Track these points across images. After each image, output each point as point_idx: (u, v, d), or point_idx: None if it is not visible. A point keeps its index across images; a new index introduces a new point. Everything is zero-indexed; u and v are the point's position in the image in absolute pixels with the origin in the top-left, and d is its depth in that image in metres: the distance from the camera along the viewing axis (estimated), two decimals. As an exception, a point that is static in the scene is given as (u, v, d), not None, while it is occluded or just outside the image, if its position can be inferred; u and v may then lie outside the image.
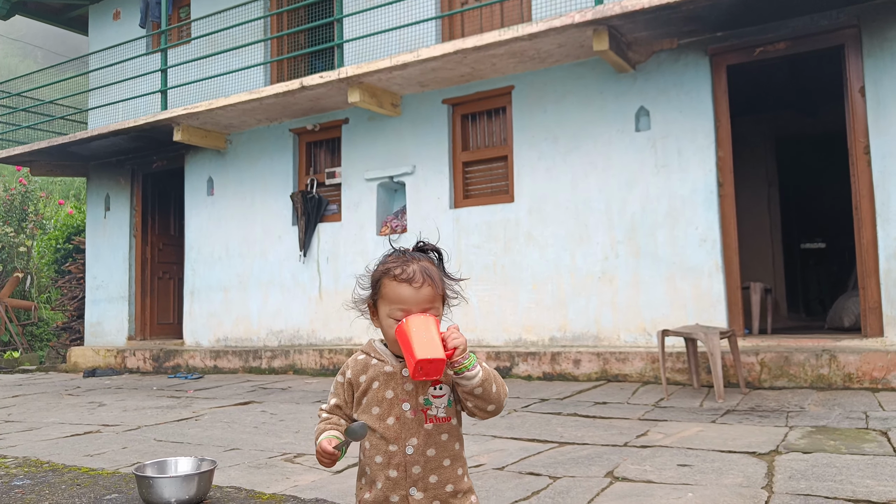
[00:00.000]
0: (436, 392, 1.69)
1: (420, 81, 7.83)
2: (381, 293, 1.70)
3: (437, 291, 1.68)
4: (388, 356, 1.74)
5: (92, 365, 10.40)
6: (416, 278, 1.66)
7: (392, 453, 1.67)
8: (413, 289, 1.65)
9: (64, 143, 10.01)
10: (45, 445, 4.61)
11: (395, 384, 1.70)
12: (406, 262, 1.70)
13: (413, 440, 1.67)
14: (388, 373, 1.71)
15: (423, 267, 1.70)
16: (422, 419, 1.68)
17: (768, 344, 6.28)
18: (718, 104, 6.68)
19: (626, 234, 6.95)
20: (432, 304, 1.67)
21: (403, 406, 1.68)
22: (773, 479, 3.18)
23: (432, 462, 1.68)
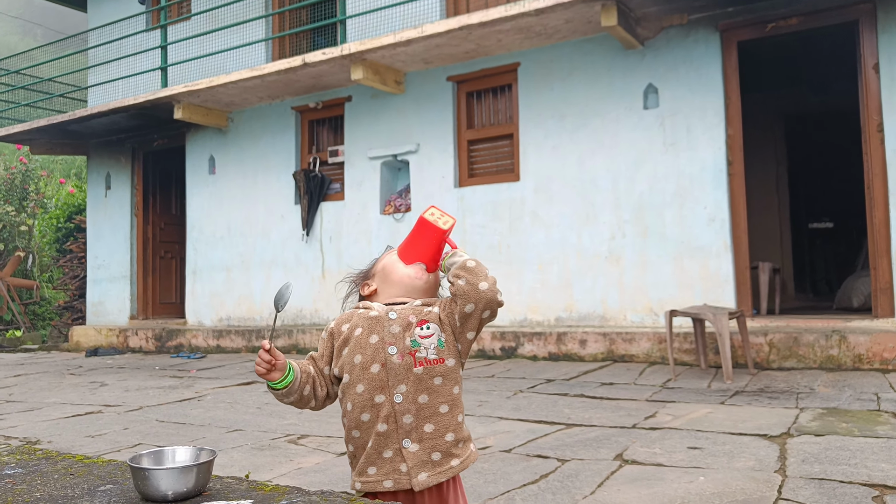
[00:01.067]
0: (423, 332, 1.58)
1: (424, 58, 7.70)
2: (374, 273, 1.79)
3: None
4: (376, 304, 1.67)
5: (94, 344, 10.37)
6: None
7: (379, 405, 1.54)
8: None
9: (63, 121, 9.91)
10: (46, 426, 4.56)
11: (380, 328, 1.59)
12: None
13: (401, 387, 1.55)
14: (372, 317, 1.62)
15: None
16: (410, 363, 1.56)
17: (777, 324, 6.21)
18: (728, 81, 6.55)
19: (633, 213, 6.86)
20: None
21: (389, 350, 1.56)
22: (786, 462, 3.12)
23: (426, 409, 1.55)
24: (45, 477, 1.45)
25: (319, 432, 4.11)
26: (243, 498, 1.28)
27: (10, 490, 1.36)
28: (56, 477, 1.45)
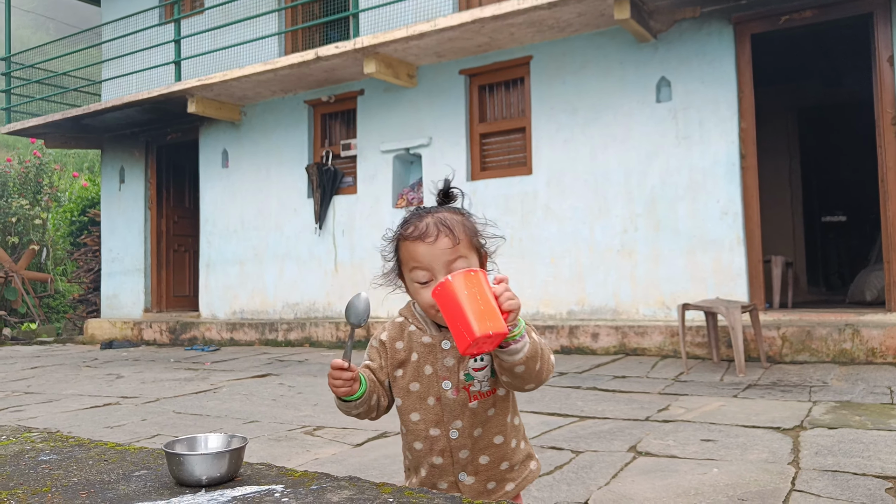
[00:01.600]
0: (476, 364, 1.45)
1: (437, 52, 7.72)
2: (401, 258, 1.47)
3: (459, 242, 1.40)
4: (428, 324, 1.49)
5: (109, 337, 10.47)
6: (428, 232, 1.40)
7: (434, 438, 1.46)
8: (427, 245, 1.40)
9: (77, 115, 9.99)
10: (65, 417, 4.63)
11: (433, 358, 1.46)
12: (419, 217, 1.46)
13: (457, 423, 1.45)
14: (426, 344, 1.47)
15: (439, 218, 1.43)
16: (465, 398, 1.44)
17: (790, 318, 6.21)
18: (742, 74, 6.54)
19: (645, 206, 6.86)
20: (456, 255, 1.40)
21: (444, 385, 1.45)
22: (800, 454, 3.14)
23: (481, 442, 1.46)
24: (80, 463, 1.49)
25: (335, 424, 4.15)
26: (274, 483, 1.32)
27: (49, 475, 1.40)
28: (91, 463, 1.49)
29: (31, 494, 1.29)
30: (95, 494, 1.28)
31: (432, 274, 1.40)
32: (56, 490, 1.31)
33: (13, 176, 15.12)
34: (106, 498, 1.26)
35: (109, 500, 1.25)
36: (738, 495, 2.65)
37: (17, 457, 1.57)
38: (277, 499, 1.22)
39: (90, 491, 1.30)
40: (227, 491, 1.28)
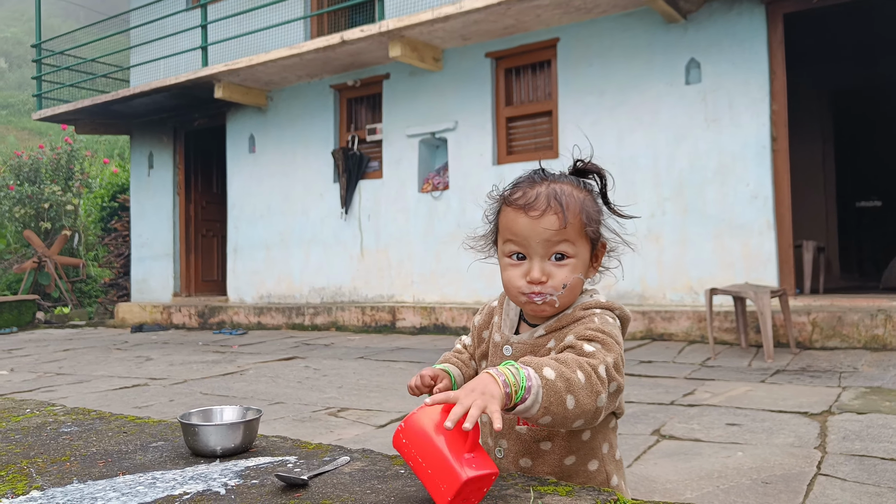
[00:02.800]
0: None
1: (462, 34, 7.67)
2: (499, 226, 1.27)
3: (564, 224, 1.19)
4: (508, 319, 1.30)
5: (139, 321, 10.62)
6: (536, 204, 1.19)
7: (489, 447, 1.29)
8: (531, 218, 1.19)
9: (106, 101, 10.10)
10: (95, 397, 4.70)
11: (496, 362, 1.25)
12: (532, 183, 1.25)
13: (503, 442, 1.26)
14: (495, 342, 1.30)
15: (553, 191, 1.21)
16: (513, 419, 1.23)
17: (820, 303, 6.10)
18: (774, 55, 6.42)
19: (673, 190, 6.78)
20: (562, 239, 1.19)
21: None
22: (826, 439, 3.09)
23: (530, 473, 1.24)
24: (100, 434, 1.51)
25: (359, 405, 4.17)
26: (288, 454, 1.32)
27: (69, 445, 1.42)
28: (110, 434, 1.50)
29: (51, 463, 1.31)
30: (112, 463, 1.29)
31: (528, 254, 1.20)
32: (75, 459, 1.33)
33: (45, 162, 15.36)
34: (122, 467, 1.27)
35: (126, 468, 1.26)
36: (761, 478, 2.61)
37: (40, 428, 1.59)
38: (290, 469, 1.22)
39: (108, 460, 1.31)
40: (241, 461, 1.28)
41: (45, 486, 1.15)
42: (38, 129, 27.29)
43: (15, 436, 1.52)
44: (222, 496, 1.08)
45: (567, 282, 1.20)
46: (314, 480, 1.14)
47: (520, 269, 1.21)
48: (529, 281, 1.19)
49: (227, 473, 1.20)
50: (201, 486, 1.13)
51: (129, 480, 1.17)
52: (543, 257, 1.20)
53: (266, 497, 1.07)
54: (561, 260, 1.20)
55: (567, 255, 1.21)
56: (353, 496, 1.07)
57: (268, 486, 1.13)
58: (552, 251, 1.20)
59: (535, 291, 1.19)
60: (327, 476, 1.17)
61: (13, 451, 1.40)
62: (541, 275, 1.19)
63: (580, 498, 1.04)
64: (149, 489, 1.12)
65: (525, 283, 1.20)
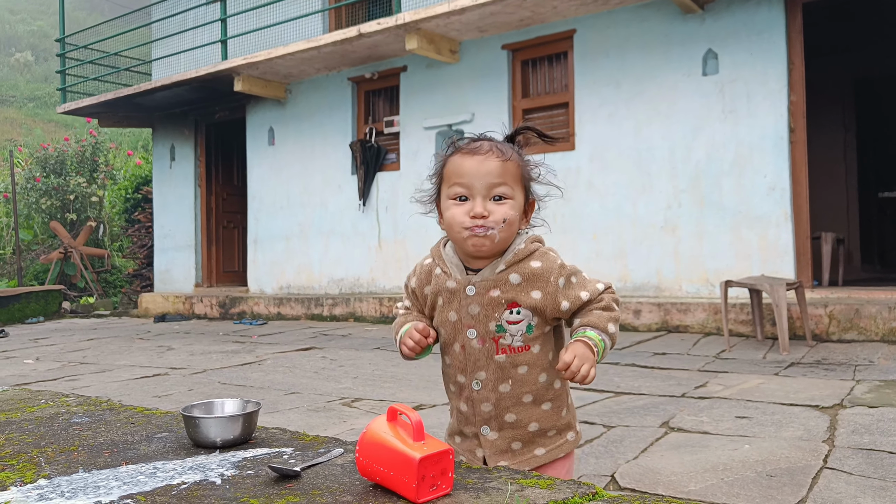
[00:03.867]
0: (512, 317, 1.37)
1: (479, 26, 7.67)
2: (444, 175, 1.41)
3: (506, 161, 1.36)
4: (454, 266, 1.42)
5: (162, 310, 10.78)
6: (480, 149, 1.37)
7: (461, 385, 1.42)
8: (476, 160, 1.35)
9: (129, 94, 10.23)
10: (117, 386, 4.81)
11: (458, 305, 1.39)
12: (475, 138, 1.44)
13: (481, 374, 1.38)
14: (450, 290, 1.41)
15: (495, 142, 1.40)
16: (492, 349, 1.38)
17: (838, 296, 6.07)
18: (792, 45, 6.36)
19: (690, 182, 6.75)
20: (501, 180, 1.35)
21: (469, 333, 1.39)
22: (836, 432, 3.09)
23: (507, 399, 1.39)
24: (109, 425, 1.57)
25: (373, 396, 4.23)
26: (285, 446, 1.37)
27: (78, 435, 1.48)
28: (118, 425, 1.57)
29: (59, 452, 1.37)
30: (117, 453, 1.35)
31: (471, 194, 1.35)
32: (82, 449, 1.39)
33: (71, 154, 15.59)
34: (127, 457, 1.33)
35: (130, 458, 1.32)
36: (766, 471, 2.63)
37: (52, 419, 1.66)
38: (285, 460, 1.27)
39: (113, 450, 1.37)
40: (240, 452, 1.34)
41: (51, 475, 1.21)
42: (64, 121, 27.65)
43: (28, 426, 1.59)
44: (218, 486, 1.14)
45: (506, 217, 1.35)
46: (306, 472, 1.19)
47: (463, 207, 1.35)
48: (473, 216, 1.34)
49: (224, 464, 1.25)
50: (199, 476, 1.18)
51: (132, 470, 1.23)
52: (485, 197, 1.35)
53: (259, 487, 1.12)
54: (500, 200, 1.36)
55: (505, 197, 1.36)
56: (341, 486, 1.12)
57: (262, 476, 1.18)
58: (492, 192, 1.35)
59: (478, 225, 1.34)
60: (319, 467, 1.22)
61: (25, 440, 1.47)
62: (483, 210, 1.34)
63: (559, 490, 1.08)
64: (149, 479, 1.18)
65: (469, 219, 1.34)
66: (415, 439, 1.07)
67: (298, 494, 1.08)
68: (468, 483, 1.11)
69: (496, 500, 1.03)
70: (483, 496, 1.05)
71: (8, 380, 5.24)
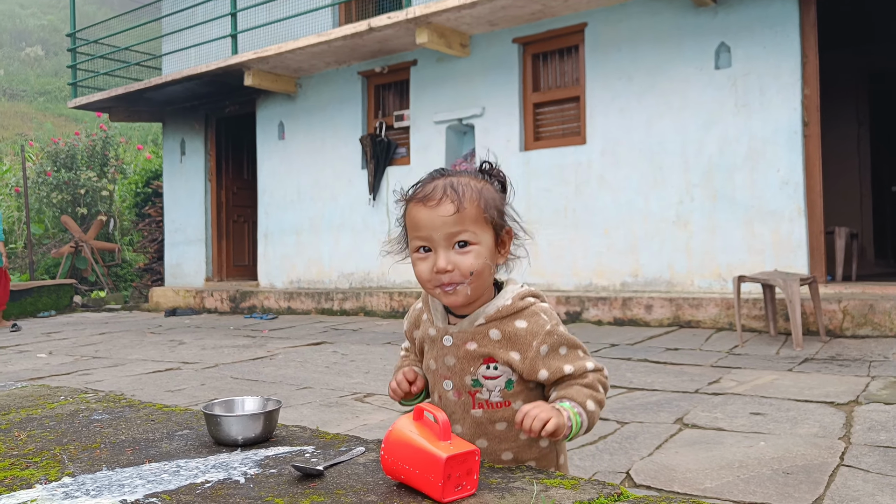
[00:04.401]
0: (488, 372, 1.28)
1: (490, 20, 7.65)
2: (407, 225, 1.32)
3: (464, 211, 1.23)
4: (437, 313, 1.34)
5: (172, 305, 10.82)
6: (433, 195, 1.23)
7: None
8: (428, 209, 1.23)
9: (139, 88, 10.25)
10: (129, 381, 4.83)
11: (436, 353, 1.33)
12: (432, 178, 1.29)
13: (457, 427, 1.31)
14: (431, 337, 1.34)
15: (450, 182, 1.25)
16: (468, 403, 1.30)
17: (852, 291, 6.03)
18: (806, 39, 6.31)
19: (702, 176, 6.72)
20: (461, 227, 1.23)
21: (445, 384, 1.32)
22: (852, 429, 3.08)
23: (485, 456, 1.30)
24: (129, 422, 1.57)
25: (384, 391, 4.23)
26: (306, 444, 1.37)
27: (99, 433, 1.48)
28: (138, 422, 1.57)
29: (82, 450, 1.37)
30: (139, 451, 1.35)
31: (432, 247, 1.25)
32: (104, 446, 1.39)
33: (81, 149, 15.65)
34: (149, 454, 1.33)
35: (152, 456, 1.32)
36: (783, 468, 2.62)
37: (73, 415, 1.66)
38: (307, 459, 1.27)
39: (135, 448, 1.37)
40: (261, 450, 1.34)
41: (76, 473, 1.21)
42: (74, 115, 27.77)
43: (49, 423, 1.59)
44: (241, 485, 1.14)
45: (473, 269, 1.23)
46: (329, 471, 1.19)
47: (427, 261, 1.25)
48: (436, 271, 1.23)
49: (247, 462, 1.25)
50: (222, 475, 1.18)
51: (155, 468, 1.23)
52: (447, 247, 1.23)
53: (283, 486, 1.12)
54: (464, 247, 1.23)
55: (470, 243, 1.23)
56: (365, 486, 1.11)
57: (285, 475, 1.18)
58: (454, 240, 1.23)
59: (444, 282, 1.24)
60: (342, 466, 1.22)
61: (47, 437, 1.47)
62: (446, 264, 1.23)
63: (584, 491, 1.07)
64: (173, 477, 1.18)
65: (434, 275, 1.24)
66: (441, 439, 1.08)
67: (322, 494, 1.08)
68: (492, 483, 1.10)
69: (521, 500, 1.02)
70: (508, 496, 1.04)
71: (22, 374, 5.27)
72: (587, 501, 1.03)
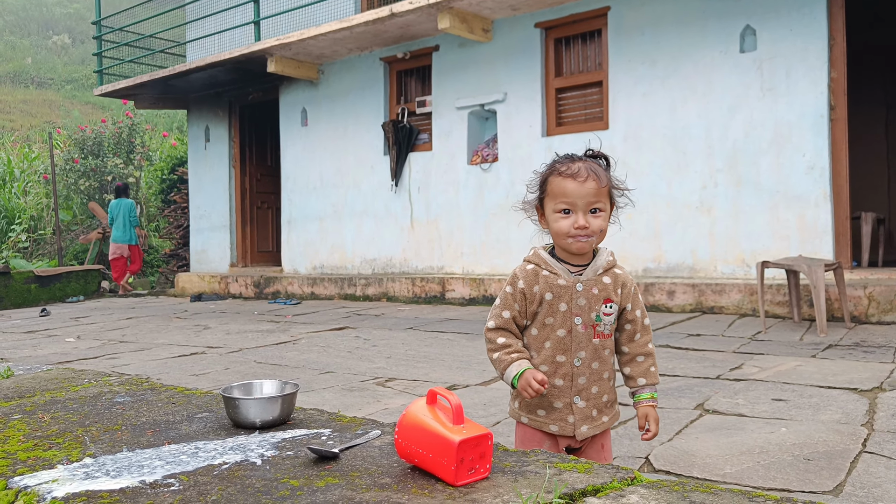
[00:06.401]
0: (607, 310, 1.75)
1: (511, 5, 7.59)
2: (548, 191, 1.75)
3: (601, 186, 1.70)
4: (560, 268, 1.76)
5: (198, 290, 10.94)
6: (580, 173, 1.70)
7: (560, 363, 1.75)
8: (577, 182, 1.69)
9: (164, 76, 10.33)
10: (155, 365, 4.91)
11: (568, 298, 1.74)
12: (572, 161, 1.75)
13: (582, 353, 1.75)
14: (561, 286, 1.75)
15: (588, 165, 1.73)
16: (591, 334, 1.75)
17: (878, 277, 5.95)
18: (833, 20, 6.20)
19: (726, 161, 6.65)
20: (597, 199, 1.70)
21: (576, 320, 1.74)
22: (875, 416, 3.05)
23: (595, 374, 1.76)
24: (150, 405, 1.61)
25: (406, 376, 4.26)
26: (323, 427, 1.39)
27: (121, 415, 1.51)
28: (160, 405, 1.60)
29: (104, 431, 1.40)
30: (160, 433, 1.38)
31: (574, 209, 1.70)
32: (125, 428, 1.42)
33: (108, 136, 15.82)
34: (169, 436, 1.35)
35: (172, 438, 1.34)
36: (804, 455, 2.60)
37: (96, 398, 1.70)
38: (323, 441, 1.29)
39: (156, 430, 1.40)
40: (279, 433, 1.36)
41: (97, 454, 1.24)
42: (101, 103, 28.06)
43: (73, 405, 1.63)
44: (258, 466, 1.16)
45: (602, 228, 1.72)
46: (345, 453, 1.21)
47: (568, 220, 1.70)
48: (577, 227, 1.69)
49: (264, 445, 1.27)
50: (239, 457, 1.20)
51: (174, 450, 1.25)
52: (585, 211, 1.69)
53: (299, 468, 1.14)
54: (595, 213, 1.71)
55: (600, 210, 1.71)
56: (380, 468, 1.13)
57: (301, 457, 1.20)
58: (590, 206, 1.70)
59: (581, 234, 1.70)
60: (357, 449, 1.24)
61: (70, 419, 1.50)
62: (585, 223, 1.69)
63: (597, 475, 1.08)
64: (191, 458, 1.20)
65: (573, 229, 1.70)
66: (454, 423, 1.10)
67: (337, 476, 1.09)
68: (506, 466, 1.11)
69: (534, 483, 1.03)
70: (521, 479, 1.05)
71: (51, 357, 5.37)
72: (601, 485, 1.04)
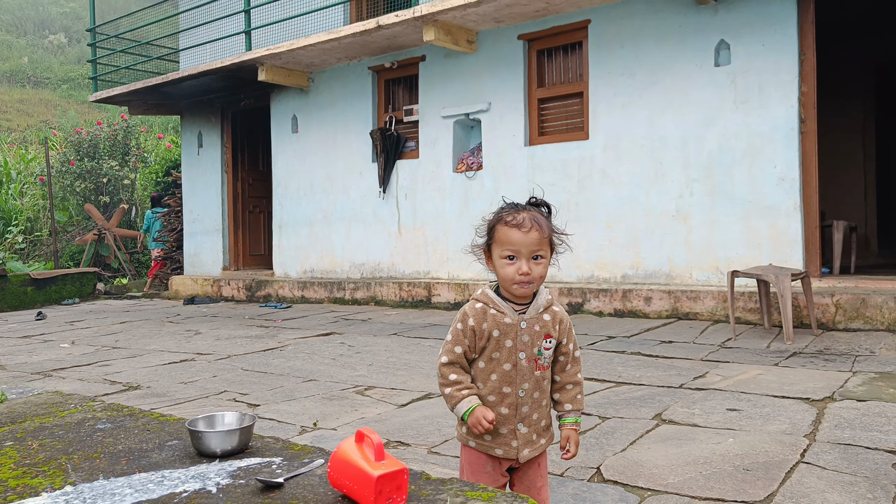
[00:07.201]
0: (547, 345, 1.93)
1: (495, 17, 7.78)
2: (495, 238, 1.91)
3: (544, 236, 1.86)
4: (506, 307, 1.93)
5: (191, 293, 11.13)
6: (524, 223, 1.86)
7: (506, 394, 1.92)
8: (522, 233, 1.86)
9: (158, 83, 10.50)
10: (146, 372, 5.10)
11: (514, 335, 1.91)
12: (517, 211, 1.91)
13: (525, 385, 1.91)
14: (507, 324, 1.91)
15: (532, 215, 1.88)
16: (533, 367, 1.92)
17: (845, 285, 6.15)
18: (804, 36, 6.39)
19: (702, 172, 6.85)
20: (539, 247, 1.86)
21: (520, 355, 1.90)
22: (819, 426, 3.23)
23: (536, 402, 1.93)
24: (128, 432, 1.80)
25: (385, 384, 4.45)
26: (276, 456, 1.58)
27: (101, 442, 1.71)
28: (136, 432, 1.79)
29: (84, 459, 1.60)
30: (133, 461, 1.57)
31: (518, 255, 1.86)
32: (104, 456, 1.61)
33: (103, 138, 15.99)
34: (140, 464, 1.55)
35: (143, 466, 1.54)
36: (744, 465, 2.79)
37: (79, 425, 1.89)
38: (273, 470, 1.48)
39: (130, 458, 1.59)
40: (236, 461, 1.55)
41: (76, 482, 1.43)
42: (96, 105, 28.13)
43: (59, 431, 1.82)
44: (213, 494, 1.35)
45: (542, 274, 1.90)
46: (289, 482, 1.40)
47: (513, 266, 1.87)
48: (521, 274, 1.86)
49: (221, 473, 1.46)
50: (198, 485, 1.39)
51: (143, 478, 1.44)
52: (528, 258, 1.86)
53: (247, 497, 1.33)
54: (537, 259, 1.88)
55: (542, 257, 1.88)
56: (316, 497, 1.32)
57: (251, 486, 1.39)
58: (532, 254, 1.87)
59: (524, 280, 1.87)
60: (301, 478, 1.43)
61: (55, 446, 1.70)
62: (527, 269, 1.86)
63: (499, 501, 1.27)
64: (157, 486, 1.40)
65: (518, 276, 1.86)
66: (376, 459, 1.30)
67: (279, 503, 1.29)
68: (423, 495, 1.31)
69: (443, 510, 1.22)
70: (432, 507, 1.24)
71: (45, 364, 5.56)
72: (502, 511, 1.23)
